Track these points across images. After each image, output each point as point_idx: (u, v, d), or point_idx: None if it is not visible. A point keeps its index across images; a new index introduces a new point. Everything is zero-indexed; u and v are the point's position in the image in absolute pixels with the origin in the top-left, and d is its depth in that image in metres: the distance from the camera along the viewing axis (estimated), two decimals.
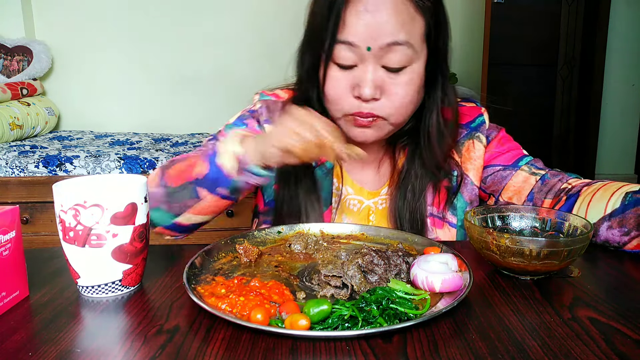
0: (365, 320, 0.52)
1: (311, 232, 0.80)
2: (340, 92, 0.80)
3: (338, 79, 0.80)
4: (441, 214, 0.90)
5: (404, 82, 0.78)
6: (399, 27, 0.75)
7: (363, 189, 0.93)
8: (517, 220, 0.76)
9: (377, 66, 0.78)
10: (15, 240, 0.59)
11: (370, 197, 0.92)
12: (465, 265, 0.63)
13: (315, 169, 0.90)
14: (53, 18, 3.12)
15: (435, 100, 0.86)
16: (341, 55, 0.78)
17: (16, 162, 2.27)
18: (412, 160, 0.90)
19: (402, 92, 0.79)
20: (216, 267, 0.68)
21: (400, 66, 0.77)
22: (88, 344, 0.50)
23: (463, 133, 0.93)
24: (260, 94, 0.98)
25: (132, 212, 0.60)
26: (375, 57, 0.77)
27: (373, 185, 0.93)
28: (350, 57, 0.78)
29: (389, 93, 0.79)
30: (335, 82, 0.80)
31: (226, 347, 0.49)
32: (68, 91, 3.19)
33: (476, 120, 0.95)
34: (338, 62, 0.79)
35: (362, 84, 0.77)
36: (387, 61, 0.77)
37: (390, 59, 0.77)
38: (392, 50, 0.76)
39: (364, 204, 0.92)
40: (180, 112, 3.31)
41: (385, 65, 0.77)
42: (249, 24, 3.25)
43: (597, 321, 0.54)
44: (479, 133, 0.93)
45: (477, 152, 0.93)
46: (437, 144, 0.87)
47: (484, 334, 0.52)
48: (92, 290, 0.61)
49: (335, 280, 0.61)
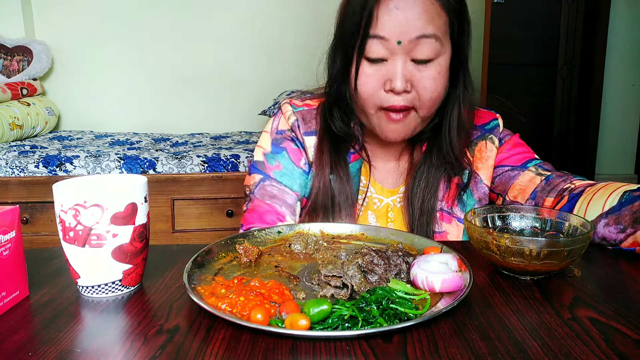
0: (365, 320, 0.52)
1: (311, 232, 0.80)
2: (372, 86, 0.84)
3: (369, 74, 0.84)
4: (450, 209, 0.93)
5: (432, 74, 0.83)
6: (427, 22, 0.80)
7: (383, 187, 0.96)
8: (517, 220, 0.76)
9: (407, 59, 0.82)
10: (15, 240, 0.59)
11: (389, 195, 0.96)
12: (465, 265, 0.63)
13: (351, 163, 0.94)
14: (53, 18, 3.12)
15: (457, 96, 0.91)
16: (372, 50, 0.82)
17: (16, 162, 2.27)
18: (429, 153, 0.93)
19: (430, 85, 0.83)
20: (216, 267, 0.68)
21: (428, 58, 0.82)
22: (88, 344, 0.50)
23: (477, 134, 0.97)
24: (291, 105, 0.98)
25: (132, 212, 0.60)
26: (405, 50, 0.81)
27: (392, 183, 0.97)
28: (381, 51, 0.82)
29: (419, 86, 0.83)
30: (367, 77, 0.84)
31: (226, 347, 0.49)
32: (68, 91, 3.19)
33: (490, 124, 0.98)
34: (369, 56, 0.83)
35: (394, 77, 0.82)
36: (415, 54, 0.81)
37: (419, 51, 0.81)
38: (420, 43, 0.81)
39: (383, 202, 0.95)
40: (180, 112, 3.31)
41: (414, 57, 0.82)
42: (249, 24, 3.25)
43: (597, 321, 0.54)
44: (492, 135, 0.97)
45: (488, 153, 0.96)
46: (457, 136, 0.91)
47: (484, 334, 0.52)
48: (92, 290, 0.61)
49: (335, 280, 0.61)
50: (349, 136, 0.94)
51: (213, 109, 3.33)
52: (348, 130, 0.93)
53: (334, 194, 0.91)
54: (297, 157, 0.95)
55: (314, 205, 0.92)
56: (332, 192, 0.91)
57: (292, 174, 0.94)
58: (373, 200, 0.95)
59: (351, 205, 0.91)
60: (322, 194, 0.91)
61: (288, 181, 0.93)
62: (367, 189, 0.95)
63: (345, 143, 0.94)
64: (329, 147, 0.92)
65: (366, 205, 0.94)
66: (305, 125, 0.95)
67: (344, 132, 0.93)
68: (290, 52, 3.16)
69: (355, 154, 0.94)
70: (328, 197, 0.91)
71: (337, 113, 0.93)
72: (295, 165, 0.94)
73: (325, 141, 0.93)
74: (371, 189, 0.96)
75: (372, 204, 0.95)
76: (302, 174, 0.94)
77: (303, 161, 0.95)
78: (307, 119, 0.96)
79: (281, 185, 0.94)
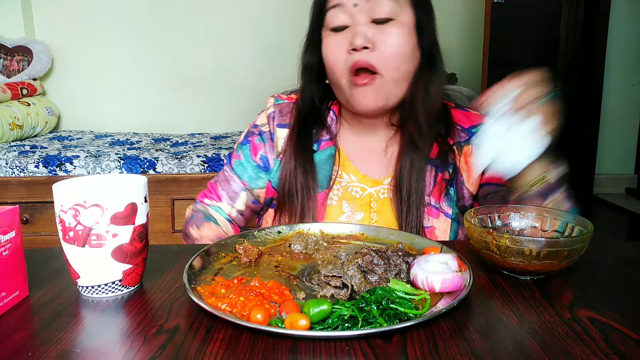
0: (365, 320, 0.52)
1: (311, 232, 0.80)
2: (337, 53, 0.88)
3: (334, 41, 0.88)
4: (438, 204, 0.93)
5: (393, 32, 0.85)
6: None
7: (367, 177, 0.96)
8: (517, 220, 0.76)
9: (367, 20, 0.85)
10: (15, 240, 0.59)
11: (374, 185, 0.96)
12: (465, 266, 0.63)
13: (316, 152, 0.96)
14: (53, 18, 3.12)
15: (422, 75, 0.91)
16: (333, 19, 0.87)
17: (16, 162, 2.27)
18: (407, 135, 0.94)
19: (392, 41, 0.85)
20: (216, 267, 0.68)
21: (387, 16, 0.85)
22: (88, 344, 0.50)
23: (464, 137, 0.96)
24: (275, 97, 1.03)
25: (132, 212, 0.60)
26: (363, 11, 0.85)
27: (377, 174, 0.97)
28: (341, 18, 0.86)
29: (381, 43, 0.85)
30: (332, 44, 0.88)
31: (226, 347, 0.49)
32: (68, 91, 3.19)
33: (477, 127, 0.95)
34: (332, 26, 0.88)
35: (354, 35, 0.85)
36: (374, 13, 0.85)
37: (376, 11, 0.85)
38: (376, 3, 0.84)
39: (366, 191, 0.95)
40: (180, 112, 3.31)
41: (374, 17, 0.85)
42: (249, 24, 3.25)
43: (597, 321, 0.54)
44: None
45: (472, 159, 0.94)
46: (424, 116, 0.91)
47: (484, 334, 0.52)
48: (92, 290, 0.61)
49: (335, 280, 0.61)
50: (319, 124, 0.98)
51: (213, 109, 3.33)
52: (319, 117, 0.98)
53: (297, 181, 0.94)
54: (255, 150, 1.00)
55: (281, 194, 0.95)
56: (296, 180, 0.94)
57: (245, 165, 1.00)
58: (354, 189, 0.95)
59: (313, 192, 0.93)
60: (287, 181, 0.94)
61: (240, 171, 1.00)
62: (336, 176, 0.96)
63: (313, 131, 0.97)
64: (296, 138, 0.96)
65: (340, 195, 0.95)
66: (280, 117, 1.00)
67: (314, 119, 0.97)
68: (291, 52, 3.15)
69: (328, 142, 0.97)
70: (292, 185, 0.94)
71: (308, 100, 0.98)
72: (251, 158, 1.00)
73: (294, 132, 0.97)
74: (352, 177, 0.96)
75: (348, 194, 0.95)
76: (255, 167, 0.99)
77: (259, 156, 0.99)
78: (284, 112, 1.00)
79: (232, 173, 1.01)
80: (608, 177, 3.96)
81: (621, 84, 3.92)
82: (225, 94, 3.32)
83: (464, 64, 3.44)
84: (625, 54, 3.88)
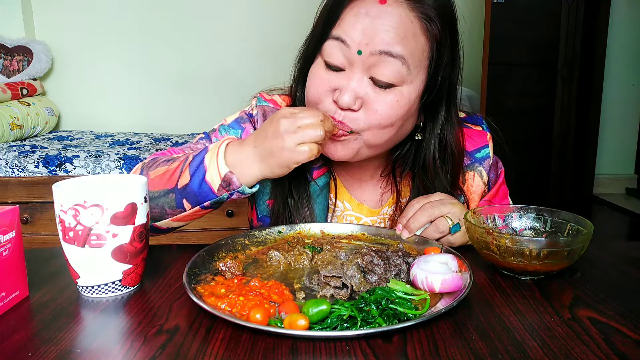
0: (364, 321, 0.52)
1: (311, 233, 0.80)
2: (320, 92, 0.75)
3: (322, 78, 0.75)
4: None
5: (388, 101, 0.73)
6: (397, 39, 0.70)
7: (363, 205, 0.91)
8: (517, 220, 0.76)
9: (365, 76, 0.73)
10: (15, 240, 0.59)
11: (370, 214, 0.91)
12: (465, 266, 0.63)
13: (310, 183, 0.87)
14: (53, 18, 3.12)
15: (434, 132, 0.82)
16: (331, 52, 0.73)
17: (16, 162, 2.27)
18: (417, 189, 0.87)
19: (382, 111, 0.73)
20: (216, 267, 0.68)
21: (389, 82, 0.72)
22: (88, 344, 0.50)
23: (467, 162, 0.90)
24: (257, 97, 0.93)
25: (132, 212, 0.60)
26: (364, 64, 0.72)
27: (374, 203, 0.91)
28: (339, 58, 0.73)
29: (369, 108, 0.73)
30: (319, 80, 0.76)
31: (226, 347, 0.49)
32: (68, 91, 3.19)
33: (481, 151, 0.92)
34: (327, 59, 0.75)
35: (343, 89, 0.72)
36: (375, 72, 0.72)
37: (380, 70, 0.71)
38: (383, 61, 0.71)
39: (362, 220, 0.90)
40: (180, 112, 3.30)
41: (374, 76, 0.72)
42: (249, 24, 3.25)
43: (597, 321, 0.54)
44: (481, 167, 0.91)
45: (474, 187, 0.91)
46: (435, 174, 0.84)
47: (484, 334, 0.52)
48: (92, 290, 0.61)
49: (335, 280, 0.61)
50: None
51: (213, 109, 3.32)
52: None
53: (292, 217, 0.85)
54: None
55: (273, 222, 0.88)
56: (291, 216, 0.85)
57: None
58: (349, 219, 0.90)
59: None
60: (281, 218, 0.86)
61: None
62: (335, 207, 0.89)
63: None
64: None
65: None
66: (262, 121, 0.88)
67: None
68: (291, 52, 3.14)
69: (320, 169, 0.88)
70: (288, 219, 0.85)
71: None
72: None
73: None
74: (346, 205, 0.90)
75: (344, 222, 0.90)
76: None
77: None
78: (267, 117, 0.88)
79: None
80: (608, 177, 3.96)
81: (621, 84, 3.91)
82: (225, 94, 3.31)
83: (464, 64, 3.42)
84: (625, 54, 3.88)
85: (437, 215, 0.76)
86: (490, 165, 0.92)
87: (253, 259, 0.72)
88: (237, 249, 0.74)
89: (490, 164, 0.92)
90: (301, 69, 0.83)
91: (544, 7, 3.49)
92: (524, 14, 3.44)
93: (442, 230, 0.76)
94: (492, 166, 0.93)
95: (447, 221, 0.75)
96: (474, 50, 3.47)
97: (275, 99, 0.92)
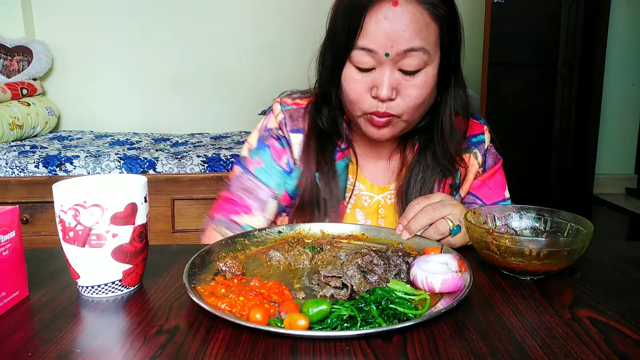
0: (364, 321, 0.52)
1: (311, 233, 0.80)
2: (359, 92, 0.85)
3: (357, 81, 0.84)
4: None
5: (418, 84, 0.83)
6: (415, 34, 0.80)
7: (373, 184, 0.97)
8: (517, 220, 0.76)
9: (394, 69, 0.82)
10: (15, 240, 0.59)
11: (380, 192, 0.96)
12: (465, 266, 0.63)
13: (337, 161, 0.94)
14: (53, 18, 3.12)
15: (448, 101, 0.92)
16: (361, 60, 0.82)
17: (16, 162, 2.27)
18: (423, 154, 0.94)
19: (415, 93, 0.83)
20: (216, 267, 0.68)
21: (415, 69, 0.82)
22: (88, 344, 0.50)
23: (464, 146, 0.97)
24: (281, 103, 0.99)
25: (132, 212, 0.60)
26: (393, 61, 0.81)
27: (383, 180, 0.97)
28: (369, 62, 0.82)
29: (404, 94, 0.83)
30: (355, 83, 0.85)
31: (226, 347, 0.49)
32: (68, 91, 3.19)
33: (477, 137, 0.99)
34: (357, 65, 0.83)
35: (380, 85, 0.82)
36: (403, 65, 0.81)
37: (407, 63, 0.81)
38: (408, 55, 0.80)
39: (374, 199, 0.96)
40: (180, 112, 3.31)
41: (402, 68, 0.82)
42: (249, 24, 3.25)
43: (597, 321, 0.54)
44: (476, 150, 0.98)
45: (470, 167, 0.97)
46: (450, 139, 0.92)
47: (484, 334, 0.52)
48: (92, 290, 0.61)
49: (335, 280, 0.61)
50: (336, 134, 0.95)
51: (213, 109, 3.33)
52: (335, 128, 0.95)
53: (319, 191, 0.92)
54: (279, 155, 0.96)
55: (301, 203, 0.93)
56: (318, 190, 0.92)
57: (270, 171, 0.95)
58: (363, 198, 0.96)
59: (337, 202, 0.92)
60: (308, 190, 0.92)
61: (265, 178, 0.95)
62: (353, 187, 0.95)
63: (332, 141, 0.95)
64: (315, 145, 0.93)
65: (354, 203, 0.96)
66: (292, 122, 0.96)
67: (331, 130, 0.95)
68: (291, 52, 3.16)
69: (342, 152, 0.96)
70: (314, 195, 0.92)
71: (325, 111, 0.95)
72: (275, 163, 0.95)
73: (312, 139, 0.94)
74: (361, 187, 0.97)
75: (360, 202, 0.96)
76: (282, 173, 0.95)
77: (285, 160, 0.96)
78: (295, 117, 0.97)
79: (257, 181, 0.95)
80: (608, 177, 3.96)
81: (621, 84, 3.91)
82: (225, 94, 3.31)
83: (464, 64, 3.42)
84: (625, 54, 3.88)
85: (437, 217, 0.78)
86: (485, 149, 0.98)
87: (253, 259, 0.72)
88: (237, 249, 0.74)
89: (485, 149, 0.98)
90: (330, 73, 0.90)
91: (544, 7, 3.49)
92: (524, 14, 3.44)
93: (443, 232, 0.78)
94: (492, 154, 1.00)
95: (447, 223, 0.77)
96: (474, 50, 3.47)
97: (297, 102, 0.99)
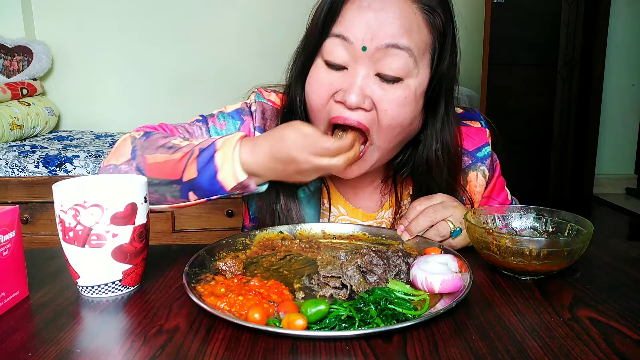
0: (362, 321, 0.52)
1: (312, 233, 0.80)
2: (323, 96, 0.71)
3: (323, 81, 0.71)
4: None
5: (396, 98, 0.70)
6: (402, 31, 0.68)
7: (358, 210, 0.89)
8: (517, 220, 0.76)
9: (371, 72, 0.69)
10: (15, 240, 0.59)
11: (366, 219, 0.89)
12: (465, 266, 0.63)
13: (299, 189, 0.84)
14: (53, 18, 3.12)
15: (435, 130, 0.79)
16: (332, 51, 0.69)
17: (16, 162, 2.27)
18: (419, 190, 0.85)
19: (392, 110, 0.70)
20: (216, 266, 0.68)
21: (396, 75, 0.69)
22: (88, 344, 0.50)
23: (468, 162, 0.89)
24: (256, 93, 0.90)
25: (132, 212, 0.60)
26: (370, 60, 0.68)
27: (370, 208, 0.90)
28: (342, 56, 0.69)
29: (379, 108, 0.70)
30: (320, 83, 0.71)
31: (226, 347, 0.49)
32: (68, 91, 3.19)
33: (482, 150, 0.90)
34: (327, 59, 0.70)
35: (349, 88, 0.68)
36: (382, 66, 0.68)
37: (387, 64, 0.68)
38: (390, 54, 0.68)
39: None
40: (181, 112, 3.30)
41: (380, 72, 0.69)
42: (249, 24, 3.25)
43: (597, 321, 0.54)
44: (484, 167, 0.90)
45: (478, 188, 0.91)
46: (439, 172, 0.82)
47: (484, 334, 0.52)
48: (92, 291, 0.61)
49: (334, 280, 0.61)
50: None
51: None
52: None
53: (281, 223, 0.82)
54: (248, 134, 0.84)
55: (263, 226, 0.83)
56: (279, 222, 0.83)
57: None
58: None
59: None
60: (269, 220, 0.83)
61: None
62: (329, 212, 0.86)
63: None
64: None
65: None
66: (261, 119, 0.86)
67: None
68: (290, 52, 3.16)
69: None
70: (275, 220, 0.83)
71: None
72: None
73: None
74: (341, 210, 0.88)
75: None
76: None
77: None
78: (266, 115, 0.86)
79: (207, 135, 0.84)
80: (608, 177, 3.96)
81: (621, 84, 3.91)
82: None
83: (464, 64, 3.39)
84: (625, 54, 3.88)
85: (438, 219, 0.74)
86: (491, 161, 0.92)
87: (253, 259, 0.72)
88: (237, 248, 0.74)
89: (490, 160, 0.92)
90: (299, 72, 0.79)
91: (544, 7, 3.50)
92: (524, 14, 3.44)
93: (444, 235, 0.75)
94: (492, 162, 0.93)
95: (448, 225, 0.74)
96: (474, 50, 3.47)
97: (272, 99, 0.90)
